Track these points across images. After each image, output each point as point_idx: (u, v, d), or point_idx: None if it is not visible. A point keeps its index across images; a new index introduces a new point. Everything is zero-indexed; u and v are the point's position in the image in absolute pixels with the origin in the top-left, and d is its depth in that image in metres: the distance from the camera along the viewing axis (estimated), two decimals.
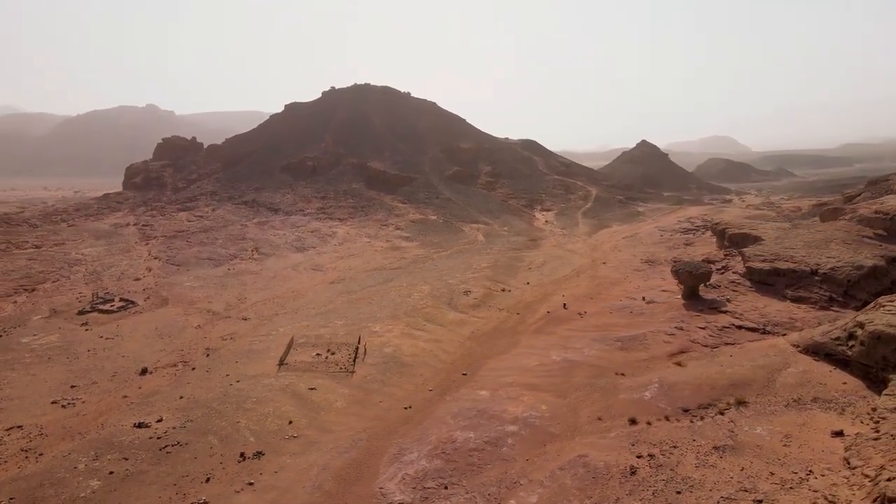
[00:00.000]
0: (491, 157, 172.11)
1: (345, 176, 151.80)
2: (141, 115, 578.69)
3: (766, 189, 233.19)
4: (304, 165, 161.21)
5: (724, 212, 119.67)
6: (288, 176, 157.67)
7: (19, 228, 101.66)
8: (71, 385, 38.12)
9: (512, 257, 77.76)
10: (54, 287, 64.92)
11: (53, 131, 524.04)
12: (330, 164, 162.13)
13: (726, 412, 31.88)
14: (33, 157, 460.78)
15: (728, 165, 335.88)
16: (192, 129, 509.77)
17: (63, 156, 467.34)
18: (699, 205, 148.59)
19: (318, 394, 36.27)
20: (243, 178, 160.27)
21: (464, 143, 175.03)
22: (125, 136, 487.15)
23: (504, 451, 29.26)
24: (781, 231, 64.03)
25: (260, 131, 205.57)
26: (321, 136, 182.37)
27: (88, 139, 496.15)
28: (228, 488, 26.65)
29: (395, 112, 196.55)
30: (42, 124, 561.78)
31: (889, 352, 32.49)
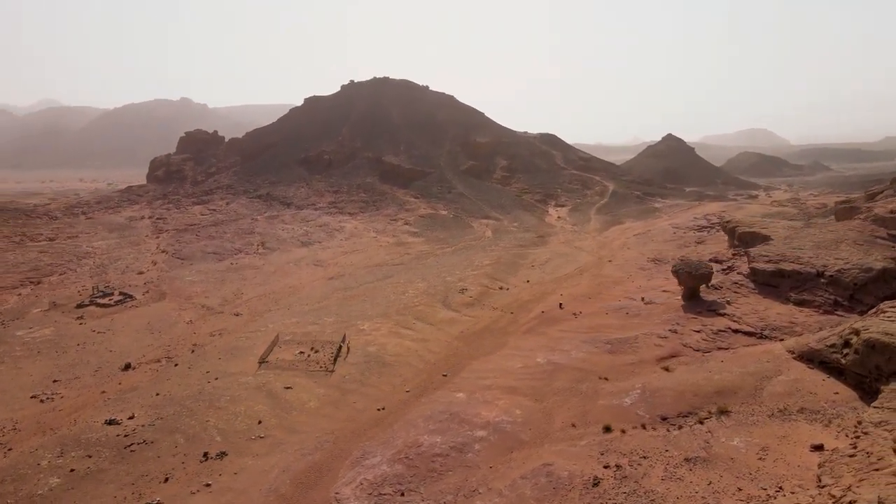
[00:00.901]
0: (508, 151, 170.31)
1: (360, 170, 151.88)
2: (175, 108, 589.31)
3: (798, 184, 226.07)
4: (321, 159, 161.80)
5: (744, 209, 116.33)
6: (304, 169, 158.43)
7: (37, 221, 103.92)
8: (53, 380, 38.53)
9: (516, 254, 76.64)
10: (60, 280, 66.03)
11: (92, 124, 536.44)
12: (346, 157, 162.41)
13: (706, 421, 30.62)
14: (72, 150, 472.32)
15: (760, 160, 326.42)
16: (223, 121, 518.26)
17: (100, 148, 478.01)
18: (720, 201, 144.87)
19: (293, 393, 35.95)
20: (260, 172, 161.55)
21: (481, 136, 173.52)
22: (160, 128, 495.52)
23: (469, 457, 28.49)
24: (792, 230, 61.66)
25: (279, 125, 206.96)
26: (339, 130, 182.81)
27: (124, 132, 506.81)
28: (185, 489, 26.43)
29: (414, 106, 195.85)
30: (81, 117, 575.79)
31: (883, 361, 30.79)
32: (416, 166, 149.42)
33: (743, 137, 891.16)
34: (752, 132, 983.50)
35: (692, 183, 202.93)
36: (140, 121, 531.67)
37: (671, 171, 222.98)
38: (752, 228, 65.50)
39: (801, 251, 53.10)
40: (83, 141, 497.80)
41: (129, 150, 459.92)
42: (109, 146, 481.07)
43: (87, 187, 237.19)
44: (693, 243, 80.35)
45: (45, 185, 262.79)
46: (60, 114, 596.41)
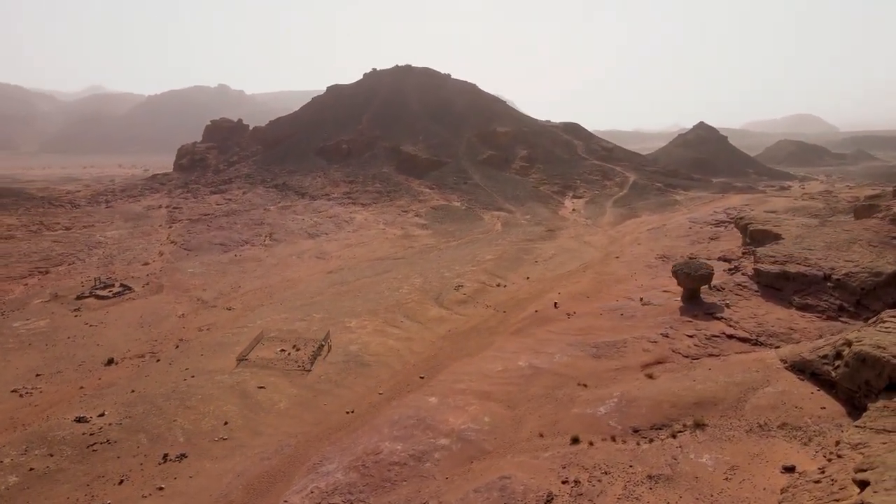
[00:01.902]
0: (528, 140, 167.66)
1: (377, 159, 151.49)
2: (212, 94, 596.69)
3: (837, 174, 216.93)
4: (339, 149, 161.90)
5: (768, 202, 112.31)
6: (322, 159, 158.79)
7: (57, 210, 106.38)
8: (36, 374, 39.06)
9: (521, 249, 75.26)
10: (67, 270, 67.32)
11: (133, 111, 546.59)
12: (364, 147, 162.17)
13: (679, 435, 29.31)
14: (114, 136, 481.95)
15: (799, 148, 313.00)
16: (258, 108, 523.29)
17: (141, 134, 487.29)
18: (746, 193, 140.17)
19: (265, 393, 35.72)
20: (279, 161, 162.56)
21: (501, 126, 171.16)
22: (198, 114, 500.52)
23: (426, 467, 27.79)
24: (806, 229, 58.92)
25: (301, 113, 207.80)
26: (359, 119, 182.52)
27: (164, 118, 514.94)
28: (137, 492, 26.38)
29: (434, 94, 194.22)
30: (124, 104, 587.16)
31: (873, 376, 28.98)
32: (434, 156, 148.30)
33: (788, 124, 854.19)
34: (799, 118, 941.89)
35: (722, 173, 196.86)
36: (179, 107, 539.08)
37: (700, 160, 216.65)
38: (764, 226, 62.88)
39: (810, 252, 50.68)
40: (125, 127, 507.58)
41: (168, 136, 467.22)
42: (149, 132, 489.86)
43: (123, 173, 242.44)
44: (707, 239, 77.73)
45: (86, 170, 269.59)
46: (104, 100, 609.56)
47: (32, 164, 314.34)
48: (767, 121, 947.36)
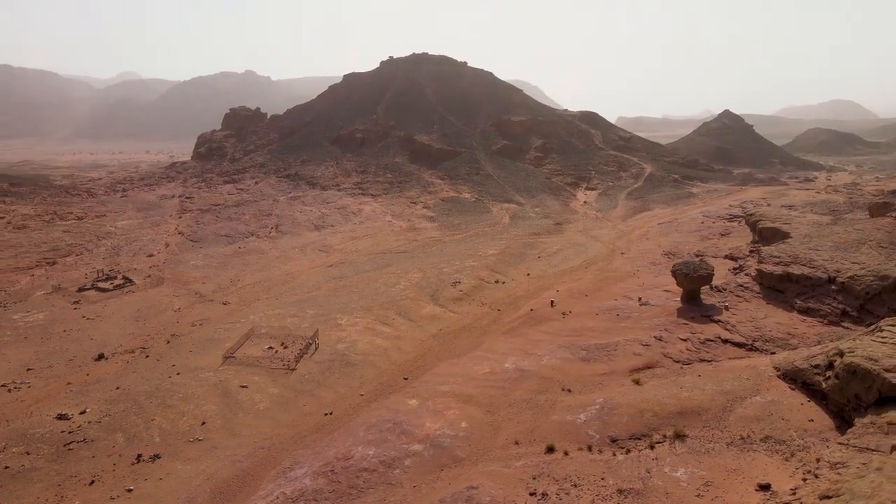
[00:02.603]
0: (544, 130, 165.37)
1: (391, 149, 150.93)
2: (239, 80, 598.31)
3: (868, 165, 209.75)
4: (354, 138, 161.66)
5: (787, 196, 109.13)
6: (336, 148, 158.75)
7: (73, 199, 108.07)
8: (28, 368, 39.58)
9: (526, 243, 74.27)
10: (74, 261, 68.29)
11: (162, 97, 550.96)
12: (378, 136, 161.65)
13: (657, 446, 28.53)
14: (144, 122, 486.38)
15: (831, 137, 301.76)
16: (284, 94, 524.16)
17: (169, 120, 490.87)
18: (767, 185, 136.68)
19: (247, 393, 35.70)
20: (294, 150, 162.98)
21: (517, 115, 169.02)
22: (224, 101, 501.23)
23: (395, 474, 27.44)
24: (815, 227, 56.91)
25: (318, 102, 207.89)
26: (375, 108, 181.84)
27: (192, 104, 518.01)
28: (107, 494, 26.52)
29: (450, 83, 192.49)
30: (153, 90, 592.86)
31: (862, 390, 27.80)
32: (447, 146, 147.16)
33: (824, 111, 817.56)
34: (836, 104, 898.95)
35: (745, 164, 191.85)
36: (206, 93, 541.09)
37: (723, 150, 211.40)
38: (773, 224, 60.94)
39: (817, 252, 48.96)
40: (154, 113, 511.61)
41: (196, 122, 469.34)
42: (177, 118, 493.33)
43: (150, 159, 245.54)
44: (717, 235, 75.81)
45: (114, 156, 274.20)
46: (135, 86, 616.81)
47: (63, 150, 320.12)
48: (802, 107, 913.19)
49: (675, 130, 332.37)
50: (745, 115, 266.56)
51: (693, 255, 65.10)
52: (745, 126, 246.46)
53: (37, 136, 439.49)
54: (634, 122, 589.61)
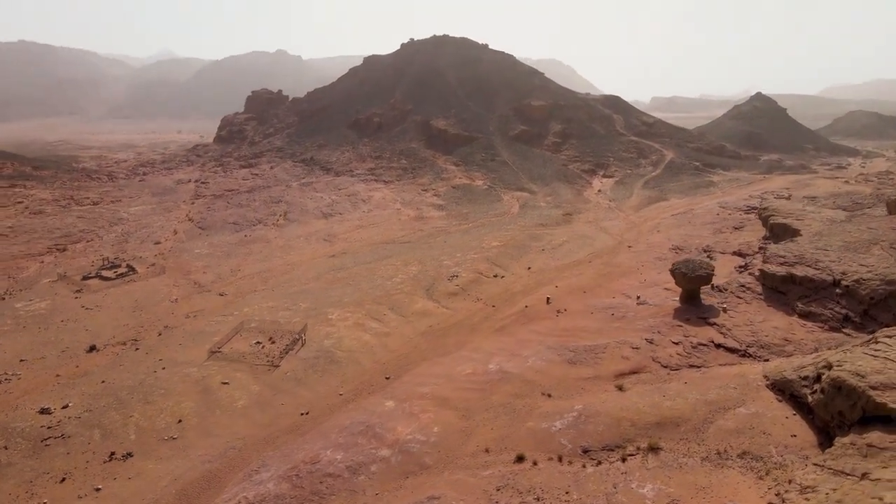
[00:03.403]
0: (564, 115, 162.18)
1: (407, 134, 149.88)
2: (271, 60, 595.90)
3: None
4: (371, 122, 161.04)
5: (810, 186, 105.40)
6: (353, 132, 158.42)
7: (92, 183, 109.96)
8: (21, 359, 40.42)
9: (531, 235, 73.07)
10: (83, 248, 69.53)
11: (196, 76, 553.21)
12: (396, 120, 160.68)
13: (630, 459, 27.81)
14: (178, 101, 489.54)
15: (875, 120, 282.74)
16: (315, 73, 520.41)
17: (202, 99, 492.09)
18: (793, 174, 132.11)
19: (227, 390, 35.87)
20: (312, 134, 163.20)
21: (537, 100, 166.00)
22: (256, 80, 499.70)
23: (360, 480, 27.26)
24: (828, 224, 54.62)
25: (338, 84, 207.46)
26: (393, 91, 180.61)
27: (224, 83, 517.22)
28: (75, 492, 26.93)
29: (470, 66, 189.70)
30: (188, 69, 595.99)
31: (847, 407, 26.57)
32: (464, 131, 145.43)
33: (870, 91, 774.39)
34: (883, 84, 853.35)
35: (776, 149, 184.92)
36: (238, 73, 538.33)
37: (753, 135, 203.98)
38: (785, 219, 58.76)
39: (825, 252, 46.99)
40: (187, 92, 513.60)
41: (226, 101, 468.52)
42: (209, 98, 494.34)
43: (180, 139, 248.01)
44: (731, 229, 73.48)
45: (146, 136, 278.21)
46: (169, 65, 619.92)
47: (99, 129, 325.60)
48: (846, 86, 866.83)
49: (711, 111, 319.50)
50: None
51: (701, 251, 63.31)
52: (777, 109, 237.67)
53: (76, 114, 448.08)
54: (668, 102, 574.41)
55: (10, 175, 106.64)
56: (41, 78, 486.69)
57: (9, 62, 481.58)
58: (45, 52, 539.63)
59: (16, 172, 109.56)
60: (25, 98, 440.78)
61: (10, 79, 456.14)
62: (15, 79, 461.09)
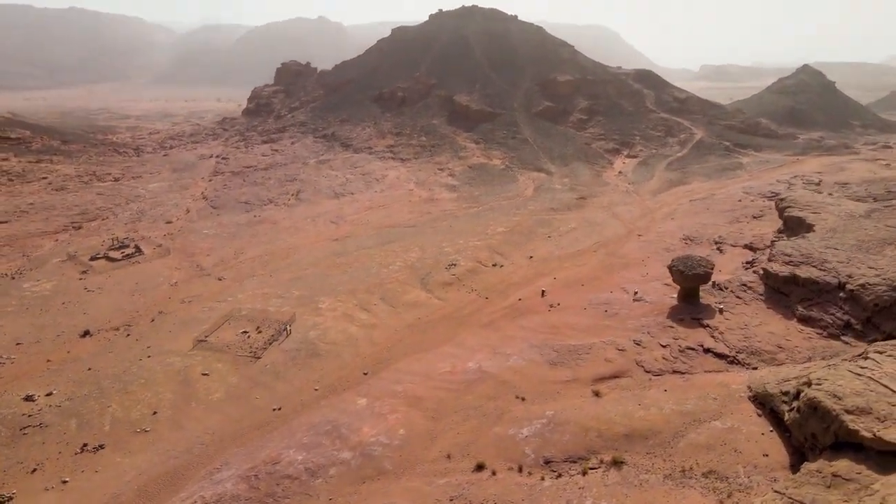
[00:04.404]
0: (592, 90, 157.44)
1: (430, 109, 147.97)
2: (312, 26, 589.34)
3: None
4: (395, 97, 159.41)
5: (846, 170, 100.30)
6: (377, 107, 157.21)
7: (115, 159, 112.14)
8: (17, 342, 41.72)
9: (540, 220, 71.63)
10: (97, 226, 71.17)
11: (237, 42, 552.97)
12: (420, 95, 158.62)
13: (591, 472, 27.23)
14: (218, 68, 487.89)
15: None
16: (355, 40, 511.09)
17: (242, 66, 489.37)
18: (832, 154, 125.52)
19: (206, 382, 36.39)
20: (336, 108, 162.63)
21: (563, 74, 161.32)
22: (296, 47, 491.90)
23: (316, 484, 27.37)
24: (845, 219, 51.70)
25: (365, 57, 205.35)
26: (419, 64, 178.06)
27: (264, 50, 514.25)
28: (43, 483, 27.80)
29: (497, 39, 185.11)
30: (229, 36, 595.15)
31: (820, 430, 25.35)
32: (487, 107, 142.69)
33: None
34: None
35: (819, 126, 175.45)
36: (279, 40, 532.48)
37: (796, 111, 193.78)
38: (801, 212, 55.89)
39: (834, 252, 44.58)
40: (229, 59, 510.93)
41: (267, 69, 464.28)
42: (250, 65, 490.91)
43: (219, 108, 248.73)
44: (749, 218, 70.52)
45: (186, 104, 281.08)
46: (213, 32, 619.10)
47: (141, 96, 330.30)
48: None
49: (762, 80, 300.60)
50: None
51: (712, 242, 61.05)
52: (825, 83, 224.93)
53: (121, 80, 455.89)
54: (716, 71, 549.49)
55: (38, 149, 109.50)
56: (89, 44, 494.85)
57: (59, 29, 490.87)
58: (94, 19, 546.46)
59: (44, 147, 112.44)
60: (74, 64, 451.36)
61: (60, 45, 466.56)
62: (65, 45, 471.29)
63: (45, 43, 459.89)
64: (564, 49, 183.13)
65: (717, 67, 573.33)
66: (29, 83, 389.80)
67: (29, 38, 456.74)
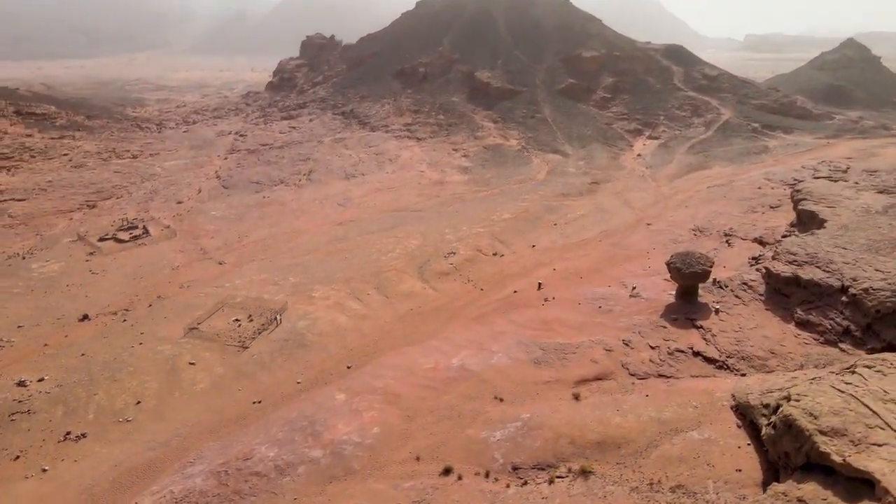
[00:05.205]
0: (618, 67, 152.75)
1: (450, 86, 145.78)
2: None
3: None
4: (416, 72, 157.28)
5: (877, 156, 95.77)
6: (398, 83, 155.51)
7: (136, 136, 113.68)
8: (18, 325, 42.93)
9: (548, 207, 70.38)
10: (111, 205, 72.55)
11: (274, 10, 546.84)
12: (441, 70, 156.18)
13: (557, 481, 27.02)
14: (256, 36, 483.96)
15: None
16: (391, 8, 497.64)
17: (279, 36, 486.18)
18: (866, 137, 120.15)
19: (192, 371, 37.00)
20: (356, 84, 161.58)
21: (589, 50, 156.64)
22: (334, 16, 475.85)
23: (284, 482, 27.71)
24: (860, 215, 49.40)
25: (390, 30, 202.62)
26: (443, 38, 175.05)
27: (302, 20, 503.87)
28: (24, 471, 28.77)
29: (522, 12, 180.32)
30: (269, 3, 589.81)
31: (793, 449, 24.58)
32: (508, 84, 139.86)
33: None
34: None
35: (860, 105, 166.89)
36: (317, 9, 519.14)
37: (837, 89, 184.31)
38: (816, 205, 53.63)
39: (842, 252, 42.73)
40: (266, 27, 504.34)
41: (301, 37, 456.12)
42: (287, 34, 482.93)
43: (252, 78, 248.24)
44: (766, 207, 68.02)
45: (221, 74, 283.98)
46: (250, 1, 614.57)
47: (179, 66, 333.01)
48: None
49: (810, 51, 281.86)
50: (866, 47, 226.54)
51: (722, 234, 59.23)
52: (870, 58, 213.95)
53: (163, 48, 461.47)
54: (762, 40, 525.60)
55: (63, 125, 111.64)
56: (131, 11, 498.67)
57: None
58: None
59: (69, 122, 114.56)
60: (116, 33, 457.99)
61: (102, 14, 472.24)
62: (107, 14, 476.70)
63: (87, 9, 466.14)
64: (592, 24, 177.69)
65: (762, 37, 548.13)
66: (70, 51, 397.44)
67: (72, 4, 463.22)
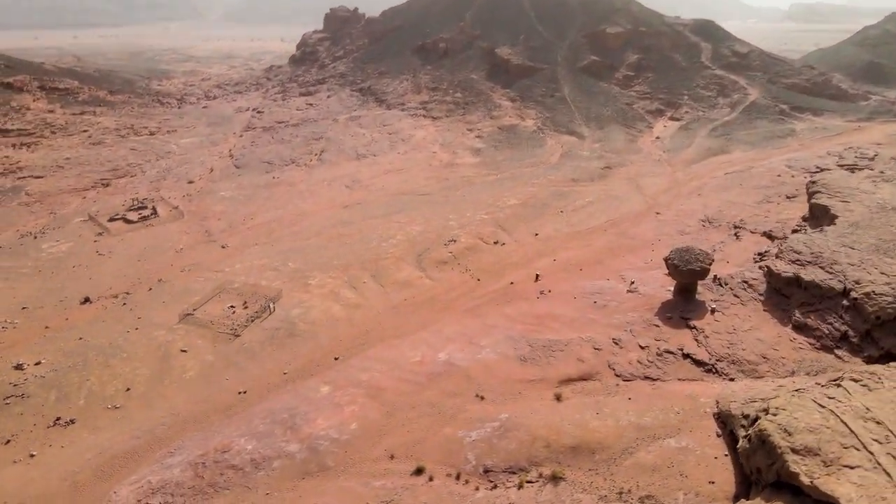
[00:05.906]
0: (644, 43, 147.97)
1: (470, 62, 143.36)
2: None
3: None
4: (437, 47, 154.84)
5: None
6: (417, 58, 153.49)
7: (156, 111, 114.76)
8: (23, 307, 44.12)
9: (557, 192, 69.20)
10: (125, 184, 73.67)
11: None
12: (462, 46, 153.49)
13: (527, 486, 27.07)
14: (288, 4, 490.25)
15: None
16: None
17: (310, 5, 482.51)
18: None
19: (183, 359, 37.69)
20: (376, 59, 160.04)
21: (613, 26, 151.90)
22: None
23: (258, 476, 28.21)
24: (873, 212, 47.32)
25: (412, 4, 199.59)
26: (465, 12, 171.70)
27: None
28: (13, 455, 29.83)
29: None
30: None
31: (765, 465, 24.26)
32: (528, 60, 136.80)
33: None
34: None
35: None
36: None
37: (875, 67, 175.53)
38: (829, 200, 51.57)
39: (848, 252, 41.18)
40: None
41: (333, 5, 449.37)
42: (319, 3, 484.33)
43: (280, 49, 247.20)
44: (782, 198, 65.77)
45: (251, 44, 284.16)
46: None
47: (210, 35, 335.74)
48: None
49: (857, 22, 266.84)
50: None
51: (731, 226, 57.54)
52: None
53: (194, 18, 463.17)
54: (807, 10, 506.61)
55: (84, 100, 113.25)
56: None
57: None
58: None
59: (91, 98, 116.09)
60: (150, 1, 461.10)
61: None
62: None
63: None
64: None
65: (808, 6, 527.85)
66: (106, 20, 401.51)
67: None
